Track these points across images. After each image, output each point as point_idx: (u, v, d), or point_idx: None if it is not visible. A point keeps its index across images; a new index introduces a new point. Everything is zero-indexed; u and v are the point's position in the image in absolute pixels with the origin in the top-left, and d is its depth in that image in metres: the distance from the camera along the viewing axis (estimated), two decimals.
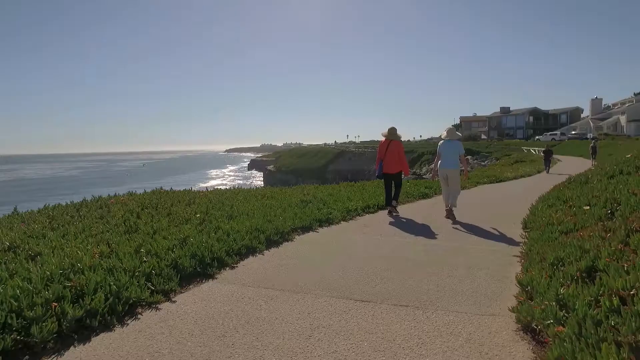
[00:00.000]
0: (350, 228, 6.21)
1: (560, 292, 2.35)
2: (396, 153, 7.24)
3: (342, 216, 6.81)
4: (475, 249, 4.88)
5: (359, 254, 4.65)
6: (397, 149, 7.28)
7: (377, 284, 3.60)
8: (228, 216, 5.73)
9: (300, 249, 4.85)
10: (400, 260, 4.37)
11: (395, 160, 7.23)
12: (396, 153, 7.24)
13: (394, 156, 7.23)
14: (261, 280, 3.76)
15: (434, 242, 5.28)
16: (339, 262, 4.28)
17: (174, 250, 4.02)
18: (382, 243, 5.20)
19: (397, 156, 7.25)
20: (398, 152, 7.26)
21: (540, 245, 3.93)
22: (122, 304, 2.91)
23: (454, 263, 4.23)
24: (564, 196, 5.71)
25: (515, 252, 4.61)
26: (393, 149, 7.24)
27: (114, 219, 5.43)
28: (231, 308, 3.10)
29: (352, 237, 5.59)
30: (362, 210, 7.46)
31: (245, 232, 4.95)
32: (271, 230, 5.20)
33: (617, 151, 29.06)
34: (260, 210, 6.29)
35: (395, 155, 7.23)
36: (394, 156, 7.23)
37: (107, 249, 3.77)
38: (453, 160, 6.86)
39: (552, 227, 4.34)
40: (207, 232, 4.82)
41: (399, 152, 7.27)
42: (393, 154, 7.23)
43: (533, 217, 5.58)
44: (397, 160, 7.24)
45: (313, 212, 6.54)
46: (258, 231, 5.11)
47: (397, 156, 7.25)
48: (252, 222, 5.40)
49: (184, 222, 5.43)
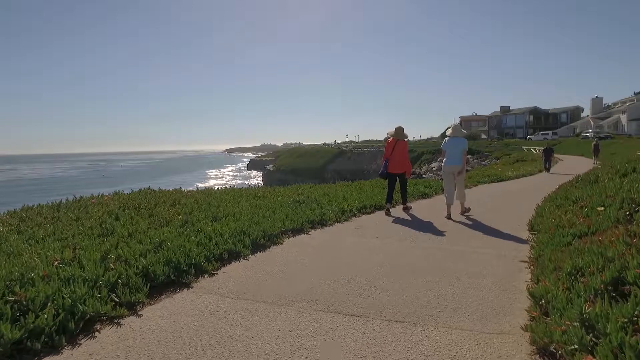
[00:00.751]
0: (344, 230, 5.83)
1: (585, 310, 1.97)
2: (402, 153, 7.17)
3: (337, 217, 6.43)
4: (478, 253, 4.50)
5: (351, 259, 4.27)
6: (403, 148, 7.20)
7: (370, 294, 3.22)
8: (213, 218, 5.35)
9: (289, 254, 4.47)
10: (396, 266, 3.99)
11: (401, 160, 7.18)
12: (402, 153, 7.17)
13: (400, 156, 7.16)
14: (241, 289, 3.37)
15: (434, 245, 4.90)
16: (329, 269, 3.90)
17: (147, 255, 3.64)
18: (378, 247, 4.82)
19: (403, 156, 7.19)
20: (403, 152, 7.20)
21: (551, 251, 3.56)
22: (76, 321, 2.53)
23: (456, 270, 3.85)
24: (572, 196, 5.33)
25: (523, 257, 4.23)
26: (400, 149, 7.15)
27: (89, 221, 5.05)
28: (203, 324, 2.72)
29: (346, 239, 5.21)
30: (358, 211, 7.09)
31: (229, 235, 4.57)
32: (258, 233, 4.82)
33: (619, 150, 28.72)
34: (248, 212, 5.91)
35: (401, 155, 7.17)
36: (400, 156, 7.16)
37: (70, 255, 3.38)
38: (458, 157, 6.78)
39: (563, 230, 3.96)
40: (187, 235, 4.44)
41: (404, 152, 7.21)
42: (400, 154, 7.15)
43: (540, 218, 5.20)
44: (402, 160, 7.19)
45: (305, 213, 6.16)
46: (243, 234, 4.72)
47: (403, 156, 7.19)
48: (238, 224, 5.02)
49: (165, 224, 5.05)
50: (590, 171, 7.73)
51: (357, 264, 4.08)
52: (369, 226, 6.09)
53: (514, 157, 32.97)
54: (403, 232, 5.69)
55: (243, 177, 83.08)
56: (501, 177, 15.34)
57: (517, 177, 16.25)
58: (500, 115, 75.68)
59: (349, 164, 59.82)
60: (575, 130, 60.33)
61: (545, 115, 71.52)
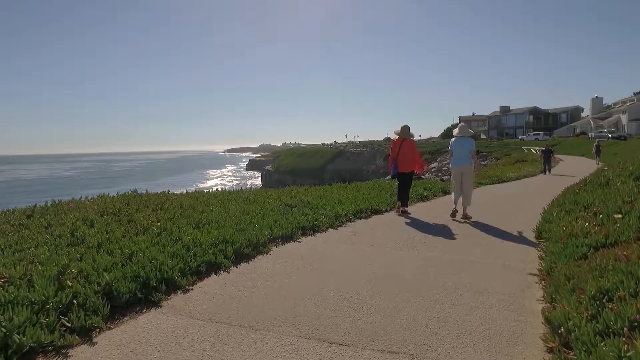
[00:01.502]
0: (337, 236, 5.44)
1: (624, 352, 1.57)
2: (410, 151, 7.08)
3: (330, 222, 6.04)
4: (482, 263, 4.11)
5: (343, 271, 3.88)
6: (411, 147, 7.09)
7: (361, 316, 2.83)
8: (195, 224, 4.95)
9: (275, 265, 4.07)
10: (392, 280, 3.60)
11: (409, 159, 7.09)
12: (410, 151, 7.08)
13: (407, 155, 7.07)
14: (216, 309, 2.98)
15: (434, 254, 4.51)
16: (317, 283, 3.51)
17: (113, 270, 3.25)
18: (373, 256, 4.43)
19: (410, 155, 7.09)
20: (411, 150, 7.09)
21: (565, 264, 3.17)
22: (9, 356, 2.14)
23: (458, 284, 3.46)
24: (583, 200, 4.94)
25: (531, 269, 3.84)
26: (406, 148, 7.05)
27: (61, 229, 4.65)
28: (164, 355, 2.33)
29: (339, 248, 4.82)
30: (354, 215, 6.69)
31: (209, 245, 4.18)
32: (243, 242, 4.42)
33: (621, 150, 28.35)
34: (235, 217, 5.51)
35: (408, 154, 7.07)
36: (407, 155, 7.07)
37: (20, 272, 2.99)
38: (466, 157, 6.72)
39: (577, 239, 3.57)
40: (162, 245, 4.04)
41: (412, 150, 7.11)
42: (406, 153, 7.06)
43: (548, 224, 4.81)
44: (410, 159, 7.09)
45: (297, 218, 5.77)
46: (226, 243, 4.33)
47: (410, 155, 7.09)
48: (221, 231, 4.62)
49: (142, 231, 4.66)
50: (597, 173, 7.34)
51: (348, 277, 3.69)
52: (364, 232, 5.70)
53: (514, 157, 32.61)
54: (400, 238, 5.30)
55: (242, 178, 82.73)
56: (502, 178, 14.98)
57: (519, 178, 15.89)
58: (500, 116, 75.34)
59: (348, 164, 59.45)
60: (575, 131, 59.99)
61: (545, 115, 71.17)
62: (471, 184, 6.88)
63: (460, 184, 6.72)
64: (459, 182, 6.73)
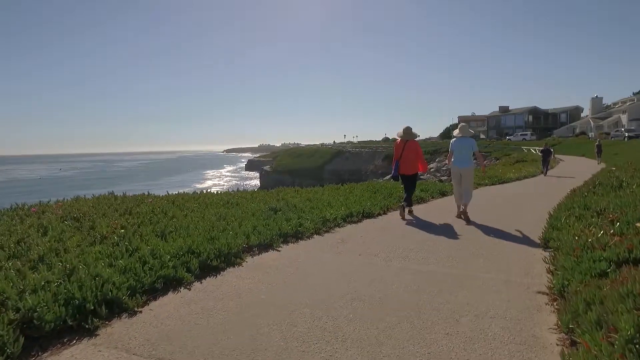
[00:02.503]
0: (322, 244, 4.91)
1: None
2: (413, 153, 6.92)
3: (316, 228, 5.52)
4: (483, 279, 3.59)
5: (322, 288, 3.36)
6: (414, 148, 6.93)
7: (335, 351, 2.30)
8: (160, 232, 4.42)
9: (244, 281, 3.55)
10: (377, 301, 3.08)
11: (412, 161, 6.93)
12: (413, 153, 6.92)
13: (410, 157, 6.91)
14: (161, 339, 2.46)
15: (428, 267, 3.99)
16: (289, 304, 2.99)
17: (43, 291, 2.73)
18: (358, 269, 3.90)
19: (414, 156, 6.93)
20: (415, 152, 6.94)
21: (581, 283, 2.66)
22: None
23: (454, 306, 2.94)
24: (595, 205, 4.43)
25: (539, 286, 3.32)
26: (409, 149, 6.90)
27: (7, 238, 4.13)
28: None
29: (321, 259, 4.29)
30: (343, 220, 6.17)
31: (172, 256, 3.66)
32: (211, 252, 3.90)
33: (622, 150, 27.86)
34: (209, 223, 4.98)
35: (412, 156, 6.91)
36: (410, 157, 6.91)
37: None
38: (466, 158, 6.61)
39: (594, 252, 3.06)
40: (116, 257, 3.52)
41: (416, 151, 6.95)
42: (410, 155, 6.90)
43: (556, 232, 4.30)
44: (413, 160, 6.94)
45: (279, 224, 5.25)
46: (192, 254, 3.81)
47: (414, 156, 6.93)
48: (188, 240, 4.10)
49: (100, 240, 4.14)
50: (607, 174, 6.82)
51: (327, 295, 3.17)
52: (353, 239, 5.18)
53: (514, 157, 32.12)
54: (392, 247, 4.78)
55: (240, 178, 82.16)
56: (502, 178, 14.47)
57: (519, 178, 15.38)
58: (499, 115, 74.82)
59: (346, 164, 58.93)
60: (575, 131, 59.54)
61: (545, 115, 70.67)
62: (471, 184, 6.79)
63: (460, 185, 6.64)
64: (459, 182, 6.65)
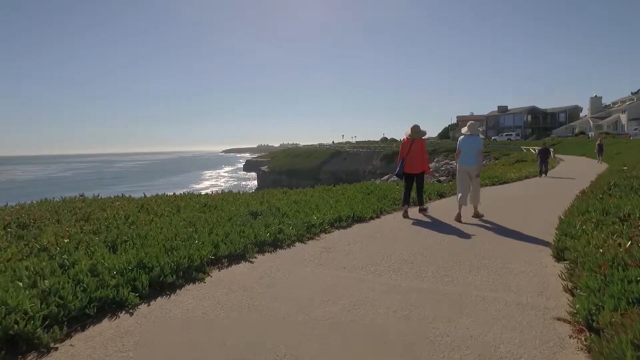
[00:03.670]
0: (303, 254, 4.31)
1: None
2: (420, 152, 6.80)
3: (299, 235, 4.92)
4: (487, 299, 3.00)
5: (292, 313, 2.76)
6: (421, 147, 6.82)
7: None
8: (111, 242, 3.81)
9: (201, 302, 2.95)
10: (359, 330, 2.48)
11: (419, 159, 6.82)
12: (420, 152, 6.80)
13: (417, 155, 6.79)
14: None
15: (423, 284, 3.39)
16: (247, 335, 2.39)
17: None
18: (341, 286, 3.30)
19: (420, 155, 6.82)
20: (421, 150, 6.81)
21: (614, 310, 2.07)
22: None
23: (453, 339, 2.34)
24: (617, 209, 3.84)
25: (558, 309, 2.73)
26: (417, 148, 6.77)
27: None
28: None
29: (299, 273, 3.69)
30: (331, 225, 5.57)
31: (117, 272, 3.06)
32: (167, 266, 3.30)
33: (624, 149, 27.34)
34: (173, 230, 4.38)
35: (418, 154, 6.80)
36: (417, 155, 6.79)
37: None
38: (475, 156, 6.40)
39: (627, 270, 2.47)
40: (42, 275, 2.91)
41: (421, 150, 6.82)
42: (417, 153, 6.78)
43: (571, 241, 3.70)
44: (420, 159, 6.83)
45: (255, 230, 4.65)
46: (142, 268, 3.21)
47: (420, 155, 6.82)
48: (141, 252, 3.50)
49: (38, 252, 3.53)
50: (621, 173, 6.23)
51: (297, 323, 2.57)
52: (339, 248, 4.58)
53: (513, 157, 31.60)
54: (382, 257, 4.18)
55: (238, 179, 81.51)
56: (503, 179, 13.90)
57: (520, 179, 14.81)
58: (498, 115, 74.27)
59: (344, 164, 58.37)
60: (574, 130, 59.05)
61: (544, 114, 70.16)
62: (478, 183, 6.56)
63: (467, 184, 6.39)
64: (466, 181, 6.41)
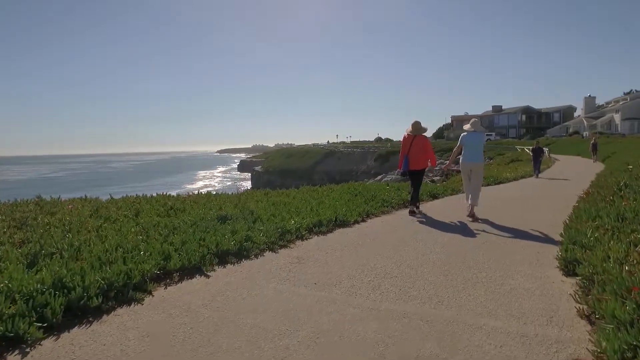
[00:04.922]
0: (271, 266, 3.71)
1: None
2: (421, 148, 6.71)
3: (270, 242, 4.31)
4: (485, 329, 2.41)
5: (238, 346, 2.15)
6: (423, 143, 6.74)
7: None
8: (33, 256, 3.18)
9: (126, 334, 2.33)
10: None
11: (421, 155, 6.72)
12: (421, 148, 6.71)
13: (419, 151, 6.70)
14: None
15: (406, 306, 2.79)
16: None
17: None
18: (307, 309, 2.70)
19: (422, 151, 6.72)
20: (424, 146, 6.73)
21: None
22: None
23: None
24: (635, 214, 3.28)
25: (574, 344, 2.15)
26: (418, 144, 6.69)
27: None
28: None
29: (262, 290, 3.08)
30: (309, 230, 4.97)
31: (21, 297, 2.44)
32: (94, 285, 2.68)
33: (619, 149, 27.05)
34: (116, 239, 3.74)
35: (420, 150, 6.70)
36: (419, 151, 6.70)
37: None
38: (478, 153, 6.38)
39: None
40: None
41: (424, 146, 6.74)
42: (418, 149, 6.69)
43: (581, 251, 3.13)
44: (422, 155, 6.73)
45: (218, 238, 4.04)
46: (61, 289, 2.59)
47: (422, 151, 6.72)
48: (62, 269, 2.87)
49: None
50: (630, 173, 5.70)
51: None
52: (313, 258, 3.98)
53: (508, 157, 31.25)
54: (361, 269, 3.59)
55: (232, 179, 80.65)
56: (498, 178, 13.43)
57: (516, 179, 14.35)
58: (492, 115, 74.09)
59: (338, 164, 57.83)
60: (568, 130, 58.97)
61: (538, 114, 70.10)
62: (480, 182, 6.45)
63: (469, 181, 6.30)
64: (470, 178, 6.31)
